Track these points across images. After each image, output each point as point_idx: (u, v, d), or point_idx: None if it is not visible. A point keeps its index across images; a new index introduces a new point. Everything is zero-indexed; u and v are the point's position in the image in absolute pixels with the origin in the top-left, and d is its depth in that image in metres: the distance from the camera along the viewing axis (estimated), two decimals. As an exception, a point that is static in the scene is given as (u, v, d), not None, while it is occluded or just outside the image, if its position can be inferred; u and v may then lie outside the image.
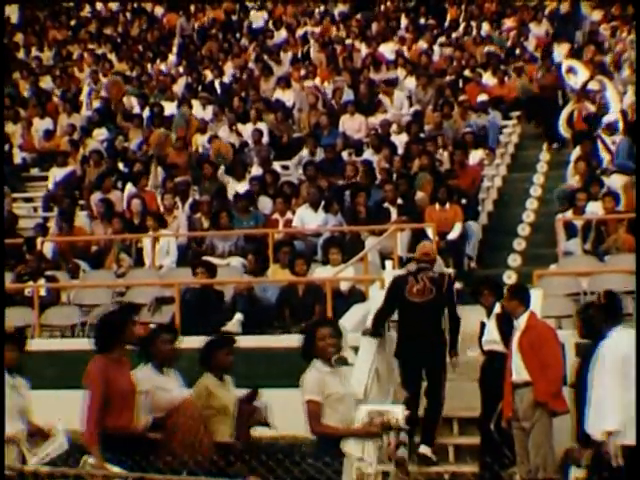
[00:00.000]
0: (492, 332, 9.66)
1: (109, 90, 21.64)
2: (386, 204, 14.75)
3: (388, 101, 19.46)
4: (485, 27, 23.37)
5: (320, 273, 12.71)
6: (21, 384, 7.46)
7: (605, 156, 15.79)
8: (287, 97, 20.39)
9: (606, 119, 16.49)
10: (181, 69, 23.27)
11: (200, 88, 21.60)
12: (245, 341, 9.54)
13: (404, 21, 24.56)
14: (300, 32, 24.69)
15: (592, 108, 17.22)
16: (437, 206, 14.42)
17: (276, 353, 10.81)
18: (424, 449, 9.86)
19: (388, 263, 13.38)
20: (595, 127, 16.51)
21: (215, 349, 7.85)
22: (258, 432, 7.96)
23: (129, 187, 16.75)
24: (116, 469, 6.92)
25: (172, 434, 7.35)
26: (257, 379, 8.97)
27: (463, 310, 10.55)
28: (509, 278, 13.47)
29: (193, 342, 8.15)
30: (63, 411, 10.87)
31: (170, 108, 20.24)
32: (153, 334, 7.89)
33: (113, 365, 7.28)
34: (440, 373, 10.09)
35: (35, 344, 11.81)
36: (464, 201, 14.83)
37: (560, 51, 20.17)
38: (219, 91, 21.54)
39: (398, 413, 7.23)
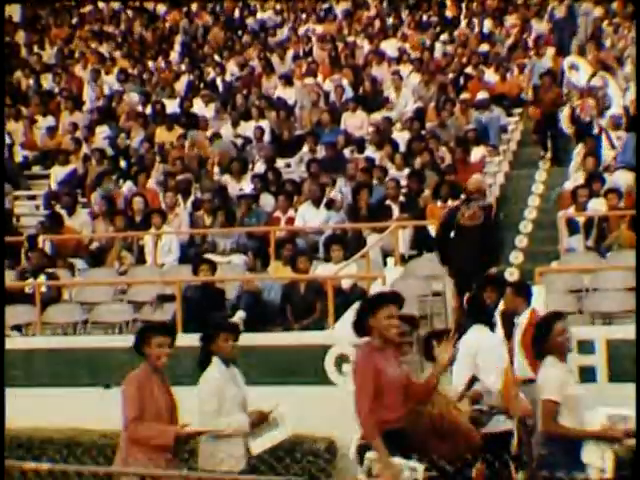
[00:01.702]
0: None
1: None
2: (388, 201, 14.73)
3: (395, 97, 19.43)
4: (487, 24, 23.31)
5: (322, 270, 12.69)
6: (237, 375, 7.24)
7: (608, 153, 15.71)
8: (289, 95, 20.36)
9: (610, 113, 16.39)
10: (183, 67, 23.24)
11: (202, 86, 21.58)
12: (246, 339, 9.51)
13: (406, 18, 24.52)
14: (302, 29, 24.67)
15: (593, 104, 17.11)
16: (439, 203, 14.40)
17: (277, 351, 10.79)
18: None
19: (390, 260, 13.37)
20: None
21: None
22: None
23: (129, 185, 16.74)
24: (404, 462, 6.43)
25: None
26: (256, 376, 8.94)
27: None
28: (511, 275, 13.45)
29: (194, 340, 8.10)
30: (62, 409, 10.92)
31: (172, 106, 20.23)
32: None
33: (379, 354, 6.67)
34: None
35: (37, 342, 11.88)
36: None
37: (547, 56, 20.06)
38: (221, 89, 21.52)
39: None
